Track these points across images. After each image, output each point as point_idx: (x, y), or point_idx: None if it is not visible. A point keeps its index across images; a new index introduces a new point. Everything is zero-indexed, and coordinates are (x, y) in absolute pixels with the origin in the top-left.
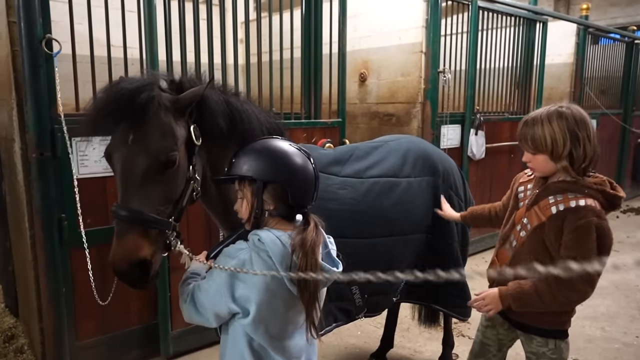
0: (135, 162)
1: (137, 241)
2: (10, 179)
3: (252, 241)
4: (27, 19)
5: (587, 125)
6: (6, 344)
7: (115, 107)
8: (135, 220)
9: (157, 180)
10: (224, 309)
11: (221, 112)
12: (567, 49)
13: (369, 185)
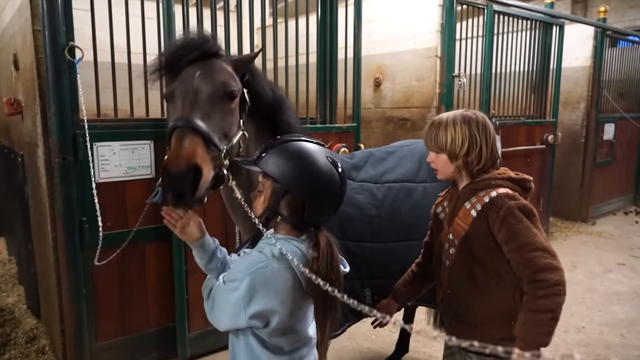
0: (201, 88)
1: (195, 147)
2: (34, 182)
3: (271, 253)
4: (51, 27)
5: (487, 130)
6: (28, 344)
7: (194, 47)
8: (196, 129)
9: (217, 107)
10: (242, 322)
11: (266, 86)
12: (584, 52)
13: (386, 190)
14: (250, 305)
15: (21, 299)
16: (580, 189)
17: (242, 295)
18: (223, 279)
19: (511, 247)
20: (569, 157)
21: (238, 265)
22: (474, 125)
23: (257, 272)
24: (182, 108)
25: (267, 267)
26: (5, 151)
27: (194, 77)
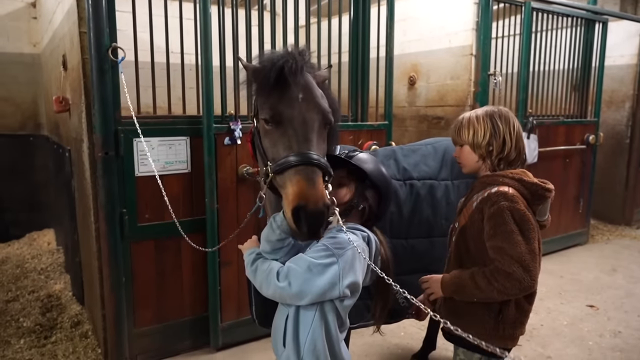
0: (308, 116)
1: (322, 185)
2: (79, 176)
3: (361, 237)
4: (95, 29)
5: (509, 121)
6: (73, 329)
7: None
8: (321, 165)
9: (322, 136)
10: (337, 292)
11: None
12: (630, 50)
13: (408, 188)
14: (347, 277)
15: (67, 286)
16: (625, 191)
17: (340, 268)
18: (310, 258)
19: (490, 244)
20: (612, 158)
21: (328, 243)
22: (497, 117)
23: (349, 251)
24: (301, 140)
25: (361, 245)
26: (55, 147)
27: (298, 103)
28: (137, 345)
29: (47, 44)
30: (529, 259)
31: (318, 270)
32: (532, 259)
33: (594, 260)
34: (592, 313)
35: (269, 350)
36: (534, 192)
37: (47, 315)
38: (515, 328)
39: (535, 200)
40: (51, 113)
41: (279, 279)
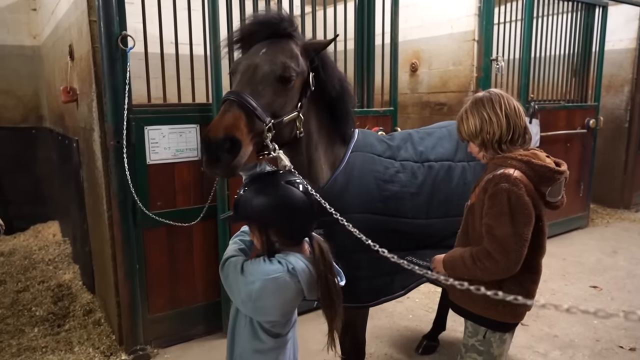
0: (260, 65)
1: (237, 120)
2: (89, 166)
3: (285, 266)
4: (105, 17)
5: (494, 103)
6: (85, 317)
7: (266, 23)
8: (241, 103)
9: (273, 86)
10: (248, 311)
11: (337, 74)
12: (629, 34)
13: (426, 170)
14: (257, 303)
15: (76, 276)
16: (623, 175)
17: (253, 291)
18: (242, 268)
19: (483, 222)
20: (611, 142)
21: (257, 266)
22: (481, 104)
23: (271, 280)
24: (238, 83)
25: (281, 278)
26: (60, 138)
27: (258, 55)
28: (151, 331)
29: (49, 36)
30: (511, 242)
31: (237, 283)
32: (516, 243)
33: (595, 243)
34: (595, 294)
35: None
36: (541, 174)
37: (59, 304)
38: (516, 305)
39: (543, 182)
40: (54, 105)
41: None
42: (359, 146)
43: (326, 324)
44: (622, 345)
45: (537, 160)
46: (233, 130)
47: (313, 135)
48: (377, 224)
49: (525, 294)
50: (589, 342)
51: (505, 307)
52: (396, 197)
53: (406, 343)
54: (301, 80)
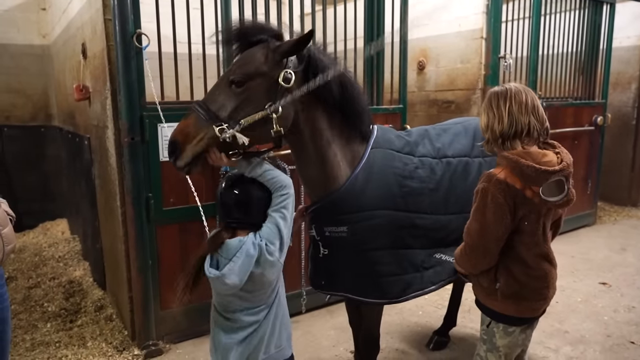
0: (222, 76)
1: (184, 126)
2: (101, 163)
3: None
4: (120, 16)
5: (499, 99)
6: (97, 312)
7: (234, 35)
8: (192, 109)
9: (224, 92)
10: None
11: (335, 78)
12: (636, 31)
13: (445, 165)
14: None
15: (87, 272)
16: (631, 172)
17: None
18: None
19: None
20: (619, 140)
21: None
22: (489, 101)
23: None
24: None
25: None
26: (70, 136)
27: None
28: (163, 327)
29: (60, 34)
30: (478, 238)
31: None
32: (483, 238)
33: (603, 240)
34: (605, 290)
35: (292, 327)
36: (527, 174)
37: (71, 300)
38: (517, 300)
39: (531, 182)
40: (64, 103)
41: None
42: (378, 143)
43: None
44: (634, 340)
45: (526, 159)
46: (176, 136)
47: (324, 133)
48: (398, 219)
49: (519, 287)
50: (600, 338)
51: (507, 300)
52: (415, 192)
53: (417, 339)
54: (267, 82)
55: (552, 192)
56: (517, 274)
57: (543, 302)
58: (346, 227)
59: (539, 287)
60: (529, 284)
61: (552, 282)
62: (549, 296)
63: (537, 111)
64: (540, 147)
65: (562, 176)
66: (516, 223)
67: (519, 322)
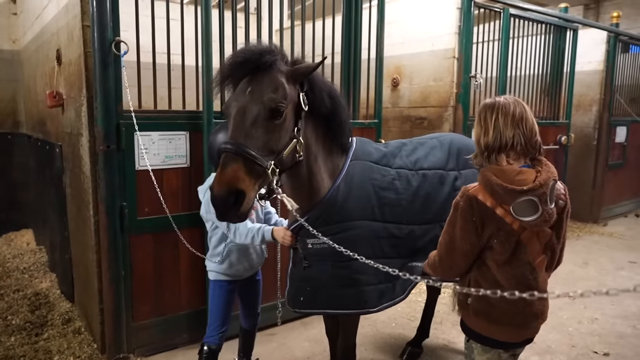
0: (249, 107)
1: (237, 172)
2: (73, 171)
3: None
4: (99, 23)
5: (486, 113)
6: (64, 325)
7: (245, 61)
8: (239, 152)
9: (265, 126)
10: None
11: (325, 89)
12: (597, 57)
13: (420, 177)
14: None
15: (54, 284)
16: (592, 190)
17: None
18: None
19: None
20: (581, 159)
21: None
22: (479, 114)
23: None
24: (231, 129)
25: None
26: (39, 144)
27: (245, 95)
28: (135, 339)
29: (32, 40)
30: (443, 250)
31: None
32: (447, 252)
33: (567, 255)
34: (569, 302)
35: (266, 342)
36: (496, 192)
37: (37, 312)
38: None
39: (501, 200)
40: (34, 110)
41: None
42: (357, 155)
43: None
44: (597, 350)
45: (498, 176)
46: (235, 183)
47: (312, 148)
48: (377, 230)
49: (489, 306)
50: (565, 348)
51: (478, 317)
52: (392, 203)
53: (390, 350)
54: (292, 107)
55: (525, 212)
56: (486, 297)
57: (522, 330)
58: (328, 238)
59: (513, 312)
60: (500, 306)
61: (531, 310)
62: (530, 326)
63: (524, 124)
64: (529, 163)
65: (533, 196)
66: (484, 240)
67: (495, 345)
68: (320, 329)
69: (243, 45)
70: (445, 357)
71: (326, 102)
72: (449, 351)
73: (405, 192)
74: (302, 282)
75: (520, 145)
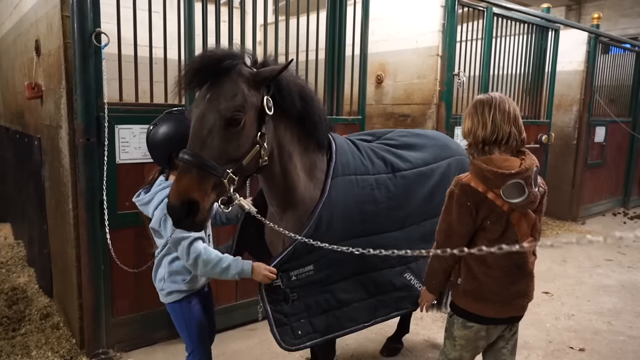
0: (206, 116)
1: (191, 183)
2: (53, 164)
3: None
4: (79, 13)
5: (484, 107)
6: (42, 321)
7: (202, 68)
8: (194, 163)
9: (221, 135)
10: None
11: (295, 91)
12: (578, 57)
13: (400, 180)
14: None
15: (32, 279)
16: (571, 189)
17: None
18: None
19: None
20: (561, 158)
21: None
22: (474, 108)
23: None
24: (190, 138)
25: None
26: (18, 136)
27: (203, 102)
28: (114, 335)
29: (10, 30)
30: (442, 236)
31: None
32: (446, 236)
33: (546, 253)
34: (547, 299)
35: (245, 338)
36: (487, 178)
37: (14, 307)
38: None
39: (493, 185)
40: (11, 102)
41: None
42: (337, 170)
43: None
44: (572, 346)
45: (488, 164)
46: (189, 194)
47: (286, 147)
48: (360, 245)
49: (478, 285)
50: (543, 344)
51: (467, 296)
52: (373, 214)
53: (371, 345)
54: (253, 113)
55: (514, 195)
56: (476, 272)
57: (506, 306)
58: (312, 265)
59: (498, 289)
60: (489, 284)
61: (515, 287)
62: (515, 303)
63: (517, 122)
64: (514, 155)
65: (520, 179)
66: (479, 222)
67: (477, 320)
68: None
69: (212, 47)
70: (425, 352)
71: (297, 104)
72: (429, 346)
73: (386, 201)
74: (293, 317)
75: (515, 141)
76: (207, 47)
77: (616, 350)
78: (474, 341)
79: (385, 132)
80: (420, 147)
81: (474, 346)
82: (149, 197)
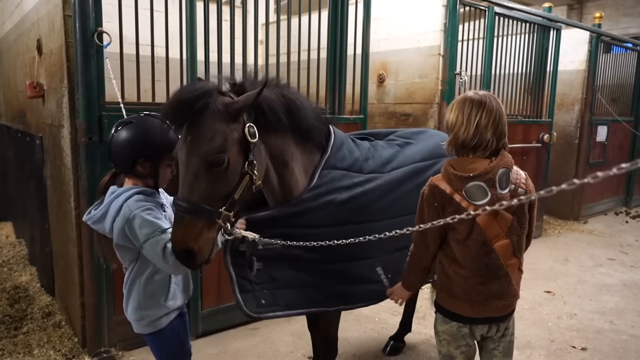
0: (189, 160)
1: (186, 232)
2: (54, 163)
3: None
4: (81, 13)
5: (472, 109)
6: (44, 319)
7: (177, 111)
8: (187, 209)
9: (207, 177)
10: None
11: (279, 107)
12: (579, 57)
13: (394, 174)
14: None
15: (34, 278)
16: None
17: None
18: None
19: None
20: (563, 157)
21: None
22: (463, 105)
23: None
24: (180, 182)
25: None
26: (19, 135)
27: (185, 144)
28: (116, 333)
29: (11, 30)
30: (417, 235)
31: None
32: (420, 236)
33: (548, 252)
34: (549, 298)
35: (248, 337)
36: (452, 180)
37: (16, 306)
38: (450, 295)
39: (457, 187)
40: (13, 101)
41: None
42: (329, 163)
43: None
44: (575, 345)
45: (454, 166)
46: (186, 243)
47: (280, 157)
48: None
49: (449, 282)
50: (545, 343)
51: (442, 292)
52: (363, 205)
53: (373, 344)
54: (237, 146)
55: (477, 197)
56: (447, 270)
57: (479, 306)
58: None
59: (467, 288)
60: (458, 282)
61: (486, 287)
62: (490, 304)
63: (501, 127)
64: (489, 156)
65: (481, 181)
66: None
67: (452, 317)
68: (304, 324)
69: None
70: (427, 351)
71: (283, 120)
72: (431, 345)
73: (377, 192)
74: (259, 284)
75: (491, 146)
76: (181, 86)
77: (618, 350)
78: (459, 338)
79: (387, 132)
80: (421, 141)
81: (463, 343)
82: (102, 211)
